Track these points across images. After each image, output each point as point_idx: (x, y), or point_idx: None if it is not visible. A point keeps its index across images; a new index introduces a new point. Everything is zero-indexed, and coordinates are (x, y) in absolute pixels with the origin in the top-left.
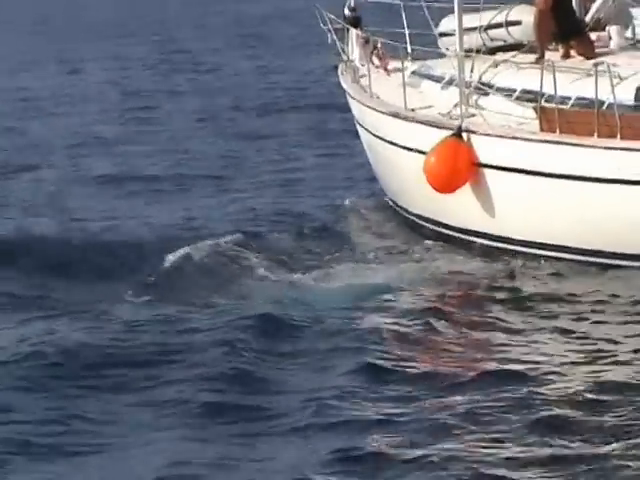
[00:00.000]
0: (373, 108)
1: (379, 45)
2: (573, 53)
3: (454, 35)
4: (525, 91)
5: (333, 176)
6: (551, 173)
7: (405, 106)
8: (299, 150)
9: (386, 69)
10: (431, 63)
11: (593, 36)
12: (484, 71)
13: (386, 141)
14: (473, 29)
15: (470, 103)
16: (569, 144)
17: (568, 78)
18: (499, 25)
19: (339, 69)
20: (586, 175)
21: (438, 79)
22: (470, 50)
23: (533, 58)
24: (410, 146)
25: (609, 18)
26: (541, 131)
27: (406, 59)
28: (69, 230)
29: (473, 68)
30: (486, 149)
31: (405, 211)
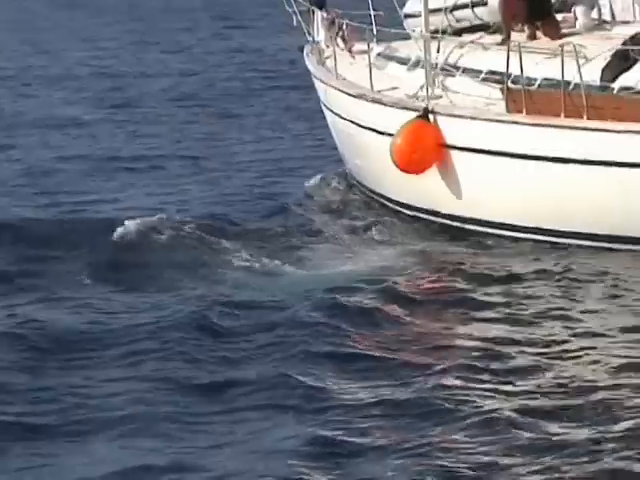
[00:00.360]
0: (339, 90)
1: (344, 27)
2: (539, 34)
3: (420, 16)
4: (491, 72)
5: (300, 158)
6: (518, 154)
7: (371, 88)
8: (268, 131)
9: (350, 51)
10: (397, 45)
11: (559, 17)
12: (450, 52)
13: (352, 123)
14: (439, 10)
15: (436, 84)
16: (535, 125)
17: (534, 59)
18: (465, 6)
19: (305, 51)
20: (552, 155)
21: (404, 61)
22: (436, 31)
23: (499, 39)
24: (376, 128)
25: None
26: (507, 112)
27: (372, 41)
28: (42, 210)
29: (439, 49)
30: (452, 130)
31: (372, 192)
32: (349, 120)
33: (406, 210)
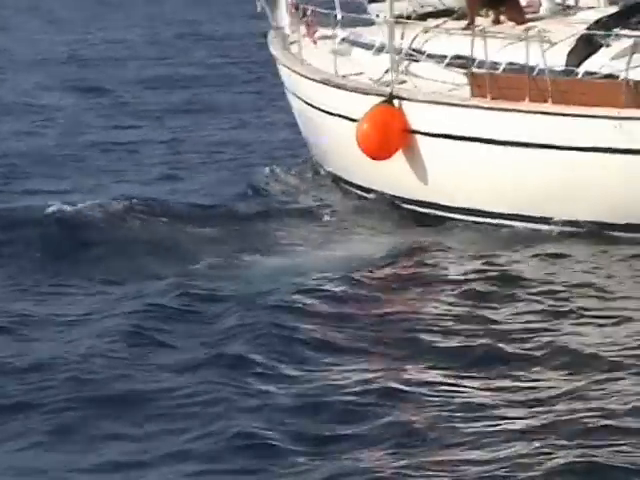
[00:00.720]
0: (303, 75)
1: (308, 12)
2: (503, 19)
3: (384, 2)
4: (456, 57)
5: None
6: (482, 138)
7: (336, 73)
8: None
9: (312, 37)
10: (361, 30)
11: (523, 2)
12: (415, 38)
13: (317, 108)
14: None
15: (401, 70)
16: (500, 109)
17: (499, 44)
18: None
19: (268, 36)
20: (517, 140)
21: (368, 46)
22: (400, 16)
23: (463, 24)
24: (341, 113)
25: None
26: (472, 97)
27: (336, 26)
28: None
29: (403, 35)
30: (417, 115)
31: (337, 178)
32: (314, 106)
33: (371, 195)
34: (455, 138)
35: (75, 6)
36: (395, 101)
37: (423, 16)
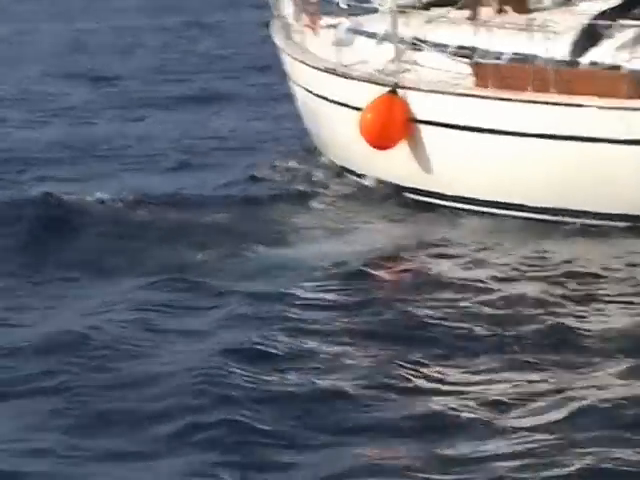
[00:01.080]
0: (307, 64)
1: (312, 1)
2: (507, 9)
3: None
4: (459, 47)
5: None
6: (486, 128)
7: (339, 62)
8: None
9: (314, 27)
10: (365, 19)
11: None
12: (418, 27)
13: (321, 98)
14: None
15: (404, 59)
16: (503, 99)
17: (502, 34)
18: None
19: (271, 26)
20: (521, 130)
21: (372, 35)
22: (404, 6)
23: (467, 14)
24: (345, 102)
25: None
26: (476, 87)
27: (340, 16)
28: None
29: (407, 24)
30: (421, 105)
31: (340, 167)
32: (317, 95)
33: (369, 183)
34: (458, 128)
35: None
36: (399, 91)
37: (426, 5)
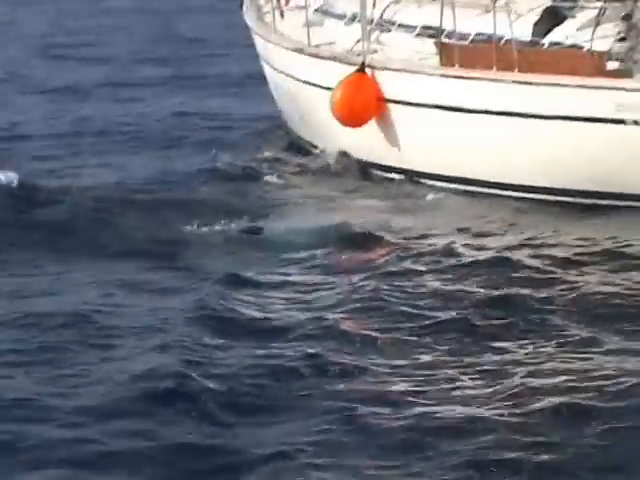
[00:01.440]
0: (278, 44)
1: None
2: None
3: None
4: (426, 27)
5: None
6: (452, 107)
7: (309, 42)
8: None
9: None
10: (334, 0)
11: None
12: (386, 8)
13: (291, 77)
14: None
15: (373, 39)
16: (468, 78)
17: (467, 14)
18: None
19: (244, 6)
20: (484, 108)
21: (341, 16)
22: None
23: None
24: (314, 82)
25: None
26: (441, 66)
27: None
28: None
29: (375, 5)
30: (389, 84)
31: (312, 146)
32: (288, 74)
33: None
34: (425, 106)
35: None
36: (367, 70)
37: None
